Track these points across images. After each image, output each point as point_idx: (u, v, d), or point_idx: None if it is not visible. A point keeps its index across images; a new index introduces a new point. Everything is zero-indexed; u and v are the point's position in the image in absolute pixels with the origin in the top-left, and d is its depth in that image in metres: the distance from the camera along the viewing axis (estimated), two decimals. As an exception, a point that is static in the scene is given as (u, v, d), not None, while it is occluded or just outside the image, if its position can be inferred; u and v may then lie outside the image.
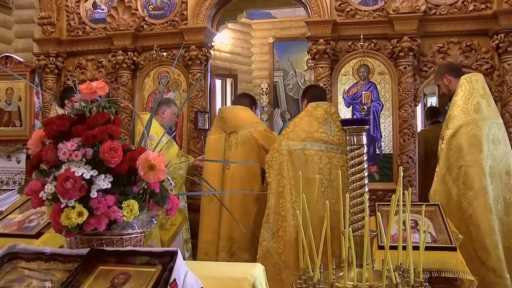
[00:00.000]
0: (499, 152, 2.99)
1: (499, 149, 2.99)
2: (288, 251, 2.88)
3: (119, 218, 1.38)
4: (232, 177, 3.40)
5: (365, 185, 1.73)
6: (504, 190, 2.95)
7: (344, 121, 1.75)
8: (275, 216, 3.00)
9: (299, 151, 3.07)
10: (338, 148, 3.08)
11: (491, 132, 2.99)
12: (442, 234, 2.52)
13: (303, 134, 3.09)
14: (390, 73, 3.97)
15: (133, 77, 4.44)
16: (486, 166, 2.93)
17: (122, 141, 1.47)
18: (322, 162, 3.05)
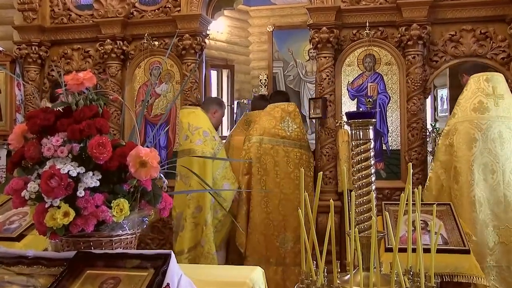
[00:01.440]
0: (504, 150, 3.18)
1: (505, 147, 3.18)
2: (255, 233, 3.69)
3: (108, 218, 1.38)
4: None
5: (372, 183, 1.72)
6: (506, 188, 3.14)
7: (349, 114, 1.75)
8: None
9: (257, 144, 3.86)
10: (296, 144, 3.88)
11: (494, 131, 3.19)
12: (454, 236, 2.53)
13: (261, 130, 3.89)
14: (398, 64, 3.96)
15: (122, 68, 4.42)
16: (475, 162, 3.17)
17: (111, 136, 1.47)
18: (278, 155, 3.86)
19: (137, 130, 1.46)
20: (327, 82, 3.98)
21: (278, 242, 3.86)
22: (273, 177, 3.86)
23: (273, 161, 3.86)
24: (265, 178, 3.87)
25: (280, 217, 3.85)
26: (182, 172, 3.61)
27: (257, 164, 3.85)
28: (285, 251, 3.84)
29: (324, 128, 4.00)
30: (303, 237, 1.47)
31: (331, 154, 3.97)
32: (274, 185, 3.84)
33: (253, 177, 3.85)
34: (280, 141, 3.89)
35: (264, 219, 3.87)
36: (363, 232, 1.67)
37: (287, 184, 3.82)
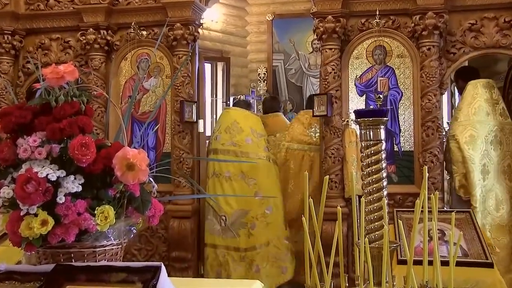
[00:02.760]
0: (498, 152, 3.86)
1: (498, 149, 3.86)
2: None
3: (91, 227, 1.38)
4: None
5: (383, 188, 1.72)
6: (499, 188, 3.82)
7: (358, 112, 1.74)
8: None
9: (285, 150, 4.56)
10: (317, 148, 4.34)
11: (491, 134, 3.86)
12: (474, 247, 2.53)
13: (290, 137, 4.60)
14: (411, 56, 3.96)
15: (107, 60, 4.42)
16: (480, 163, 3.82)
17: (95, 136, 1.46)
18: (303, 160, 4.49)
19: (123, 129, 1.46)
20: (332, 77, 3.99)
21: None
22: (296, 182, 4.46)
23: (299, 166, 4.44)
24: (291, 181, 4.51)
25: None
26: (248, 174, 4.30)
27: (282, 168, 4.46)
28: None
29: (329, 127, 4.01)
30: (307, 247, 1.47)
31: (337, 156, 3.98)
32: (298, 189, 4.44)
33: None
34: (306, 147, 4.49)
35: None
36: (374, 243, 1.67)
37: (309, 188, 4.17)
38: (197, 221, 4.36)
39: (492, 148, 3.83)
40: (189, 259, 4.23)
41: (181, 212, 4.18)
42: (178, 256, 4.21)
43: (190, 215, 4.22)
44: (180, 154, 4.16)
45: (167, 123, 4.34)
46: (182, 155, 4.15)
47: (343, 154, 3.99)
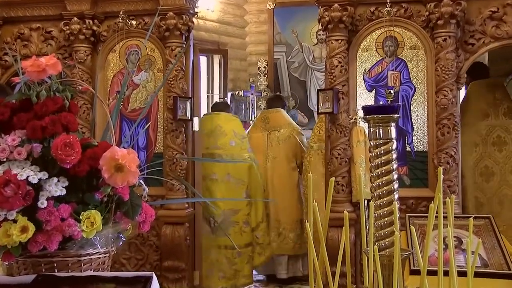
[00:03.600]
0: (503, 153, 4.16)
1: (503, 150, 4.17)
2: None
3: (76, 234, 1.38)
4: (274, 169, 5.19)
5: (394, 191, 1.71)
6: (507, 188, 4.09)
7: (367, 109, 1.74)
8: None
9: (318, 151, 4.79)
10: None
11: (493, 136, 4.17)
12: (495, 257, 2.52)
13: (316, 138, 4.85)
14: (425, 48, 3.96)
15: (92, 52, 4.41)
16: (476, 165, 4.19)
17: (80, 135, 1.46)
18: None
19: (111, 127, 1.46)
20: (339, 70, 3.99)
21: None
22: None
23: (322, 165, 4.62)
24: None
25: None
26: (235, 176, 4.83)
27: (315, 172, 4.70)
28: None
29: (336, 125, 4.01)
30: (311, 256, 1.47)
31: (344, 157, 3.98)
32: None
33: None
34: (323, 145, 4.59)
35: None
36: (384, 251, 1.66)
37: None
38: (192, 228, 4.36)
39: (495, 149, 4.12)
40: (183, 269, 4.23)
41: (174, 218, 4.18)
42: (171, 265, 4.21)
43: (184, 221, 4.22)
44: (173, 154, 4.16)
45: (159, 121, 4.34)
46: (176, 155, 4.15)
47: (350, 154, 3.99)
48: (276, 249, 5.08)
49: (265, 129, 5.31)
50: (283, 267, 5.20)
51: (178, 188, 4.12)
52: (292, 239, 5.10)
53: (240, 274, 4.87)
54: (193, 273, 4.39)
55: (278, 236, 5.11)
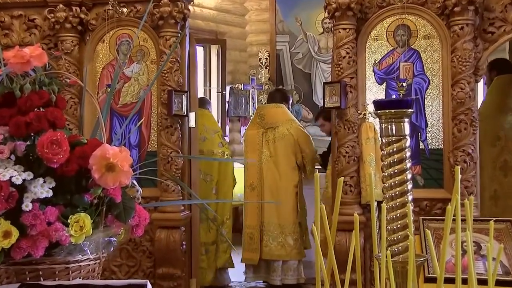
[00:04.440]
0: None
1: None
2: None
3: (64, 239, 1.38)
4: (270, 170, 5.21)
5: (407, 192, 1.71)
6: None
7: (378, 103, 1.73)
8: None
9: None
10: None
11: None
12: (518, 263, 2.51)
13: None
14: (441, 37, 3.96)
15: (80, 42, 4.41)
16: (497, 159, 4.39)
17: (68, 132, 1.46)
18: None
19: (102, 123, 1.45)
20: (347, 62, 3.99)
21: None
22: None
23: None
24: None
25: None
26: (205, 171, 5.16)
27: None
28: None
29: (343, 121, 4.01)
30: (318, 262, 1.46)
31: (352, 155, 3.99)
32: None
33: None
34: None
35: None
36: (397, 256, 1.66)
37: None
38: (189, 232, 4.37)
39: None
40: (179, 277, 4.24)
41: (169, 221, 4.18)
42: (165, 273, 4.22)
43: (180, 224, 4.22)
44: (168, 153, 4.16)
45: (153, 117, 4.33)
46: (171, 154, 4.15)
47: (359, 152, 3.99)
48: (269, 253, 5.14)
49: (261, 126, 5.35)
50: (277, 273, 5.23)
51: (174, 189, 4.12)
52: (288, 243, 5.16)
53: (206, 272, 5.16)
54: (190, 281, 4.39)
55: (272, 240, 5.16)
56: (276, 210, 5.18)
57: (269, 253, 5.15)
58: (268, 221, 5.18)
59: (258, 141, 5.28)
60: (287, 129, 5.23)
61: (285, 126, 5.25)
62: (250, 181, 5.30)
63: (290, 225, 5.17)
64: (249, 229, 5.25)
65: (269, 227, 5.16)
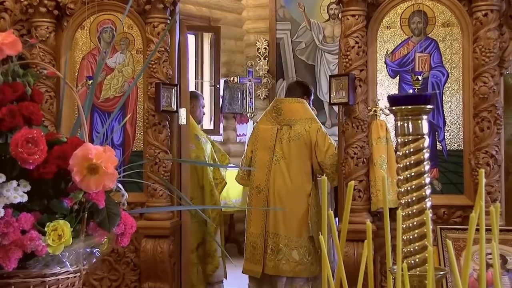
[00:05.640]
0: None
1: None
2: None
3: (40, 249, 1.37)
4: (281, 173, 5.03)
5: (426, 198, 1.71)
6: None
7: (393, 99, 1.73)
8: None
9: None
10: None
11: None
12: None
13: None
14: (461, 24, 3.96)
15: (57, 28, 4.40)
16: None
17: (45, 129, 1.46)
18: None
19: (83, 120, 1.45)
20: (355, 52, 4.00)
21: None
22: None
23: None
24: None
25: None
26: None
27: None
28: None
29: (351, 118, 4.02)
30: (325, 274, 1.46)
31: (362, 156, 3.99)
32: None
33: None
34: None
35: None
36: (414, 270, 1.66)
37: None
38: (178, 242, 4.37)
39: None
40: (167, 292, 4.24)
41: (156, 230, 4.18)
42: (152, 287, 4.21)
43: (169, 233, 4.22)
44: (156, 153, 4.16)
45: (138, 113, 4.33)
46: (158, 154, 4.15)
47: (369, 153, 3.99)
48: (273, 269, 4.98)
49: (276, 121, 5.10)
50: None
51: (161, 194, 4.12)
52: (292, 258, 4.97)
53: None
54: (179, 297, 4.39)
55: (277, 253, 4.99)
56: (282, 219, 4.97)
57: (273, 268, 4.98)
58: (273, 231, 5.01)
59: (271, 138, 5.09)
60: (305, 128, 4.98)
61: (303, 125, 5.00)
62: (257, 182, 5.10)
63: (297, 237, 4.98)
64: (252, 237, 5.09)
65: (274, 238, 5.00)
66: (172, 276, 4.28)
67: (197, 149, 5.29)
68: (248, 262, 5.09)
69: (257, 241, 5.02)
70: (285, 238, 4.96)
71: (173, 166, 4.28)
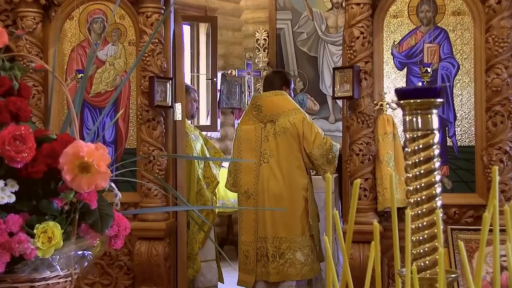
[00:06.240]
0: None
1: None
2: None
3: (29, 252, 1.37)
4: (272, 171, 4.95)
5: (436, 197, 1.71)
6: None
7: (401, 92, 1.73)
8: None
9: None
10: None
11: None
12: None
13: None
14: (473, 13, 3.97)
15: (44, 19, 4.40)
16: None
17: (33, 126, 1.46)
18: None
19: (74, 115, 1.45)
20: (360, 43, 4.00)
21: None
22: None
23: None
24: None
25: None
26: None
27: None
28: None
29: (356, 113, 4.03)
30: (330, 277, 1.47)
31: (367, 153, 4.00)
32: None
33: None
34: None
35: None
36: (424, 272, 1.67)
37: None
38: (174, 244, 4.37)
39: None
40: (163, 297, 4.25)
41: (151, 232, 4.19)
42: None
43: (164, 235, 4.23)
44: (150, 150, 4.16)
45: (131, 109, 4.34)
46: (153, 152, 4.15)
47: (375, 150, 4.00)
48: (277, 275, 4.89)
49: (258, 119, 5.03)
50: None
51: (156, 194, 4.12)
52: (299, 260, 4.91)
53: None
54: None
55: (279, 257, 4.90)
56: (282, 221, 4.90)
57: (278, 274, 4.90)
58: (273, 235, 4.92)
59: (255, 138, 5.01)
60: (289, 120, 4.90)
61: (286, 117, 4.93)
62: (244, 187, 5.03)
63: (300, 237, 4.93)
64: (244, 246, 5.05)
65: (275, 242, 4.92)
66: (167, 281, 4.29)
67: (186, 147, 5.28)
68: (241, 272, 5.06)
69: (249, 249, 4.98)
70: (286, 240, 4.89)
71: (168, 164, 4.28)
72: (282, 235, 4.88)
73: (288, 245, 4.87)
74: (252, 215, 4.97)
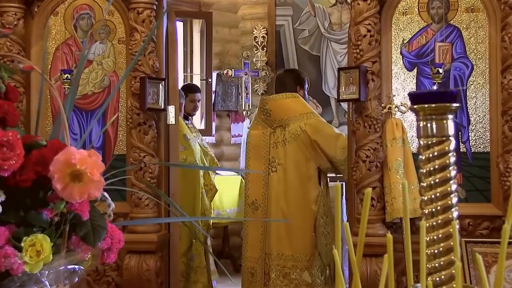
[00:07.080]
0: None
1: None
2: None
3: (16, 267, 1.38)
4: (280, 181, 4.83)
5: (452, 207, 1.72)
6: None
7: (414, 96, 1.74)
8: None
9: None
10: None
11: None
12: None
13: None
14: (488, 9, 3.98)
15: (26, 15, 4.40)
16: None
17: (21, 132, 1.46)
18: None
19: (65, 120, 1.46)
20: (367, 42, 4.02)
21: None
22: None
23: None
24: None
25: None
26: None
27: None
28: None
29: (363, 117, 4.04)
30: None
31: (375, 160, 4.01)
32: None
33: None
34: None
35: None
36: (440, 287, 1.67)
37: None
38: (166, 258, 4.36)
39: None
40: (153, 316, 4.24)
41: (142, 244, 4.18)
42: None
43: (155, 248, 4.22)
44: (141, 157, 4.16)
45: (121, 112, 4.34)
46: (144, 158, 4.15)
47: (383, 156, 4.00)
48: None
49: (267, 124, 4.89)
50: None
51: (147, 204, 4.12)
52: (305, 281, 4.73)
53: None
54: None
55: (283, 277, 4.77)
56: (287, 237, 4.73)
57: None
58: (278, 252, 4.76)
59: (263, 144, 4.87)
60: (300, 126, 4.74)
61: (297, 122, 4.76)
62: (252, 197, 4.88)
63: (306, 255, 4.76)
64: (250, 263, 4.88)
65: (278, 260, 4.76)
66: (159, 297, 4.29)
67: (186, 151, 5.28)
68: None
69: (256, 266, 4.83)
70: (291, 258, 4.75)
71: (161, 172, 4.28)
72: (286, 252, 4.75)
73: (293, 264, 4.75)
74: (260, 228, 4.84)
